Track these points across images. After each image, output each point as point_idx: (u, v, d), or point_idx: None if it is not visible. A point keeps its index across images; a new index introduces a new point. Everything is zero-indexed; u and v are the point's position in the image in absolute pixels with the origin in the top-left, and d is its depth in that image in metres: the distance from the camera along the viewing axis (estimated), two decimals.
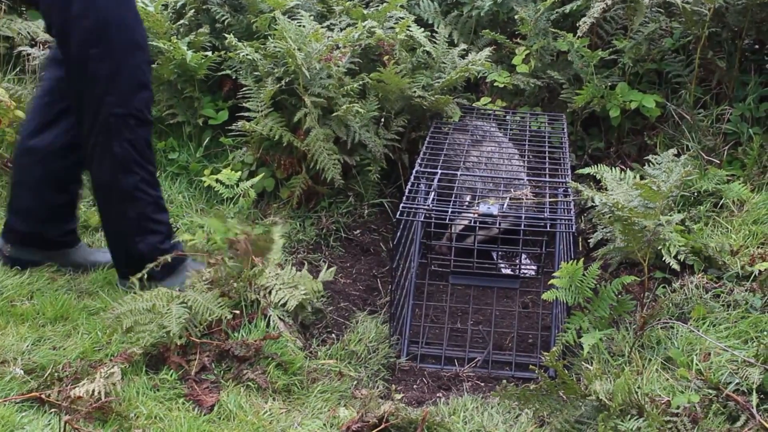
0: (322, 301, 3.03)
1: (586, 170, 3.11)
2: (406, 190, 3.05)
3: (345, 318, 3.11)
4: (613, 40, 4.03)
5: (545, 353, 2.44)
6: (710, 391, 2.38)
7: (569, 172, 3.26)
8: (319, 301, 2.99)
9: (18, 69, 4.36)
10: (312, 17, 3.80)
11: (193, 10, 4.10)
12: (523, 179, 3.47)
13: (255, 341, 2.65)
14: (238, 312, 2.76)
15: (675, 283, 3.07)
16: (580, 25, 3.71)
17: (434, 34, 4.02)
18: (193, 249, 2.99)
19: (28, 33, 4.33)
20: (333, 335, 2.97)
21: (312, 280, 2.82)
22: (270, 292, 2.80)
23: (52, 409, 2.34)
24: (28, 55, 4.07)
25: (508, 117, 3.96)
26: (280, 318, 2.77)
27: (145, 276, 2.79)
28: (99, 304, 2.93)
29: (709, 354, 2.56)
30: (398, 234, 2.91)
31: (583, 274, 2.66)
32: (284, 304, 2.77)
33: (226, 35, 3.78)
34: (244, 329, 2.73)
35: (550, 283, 2.68)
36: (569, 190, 3.05)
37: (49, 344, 2.69)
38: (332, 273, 2.90)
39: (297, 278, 2.82)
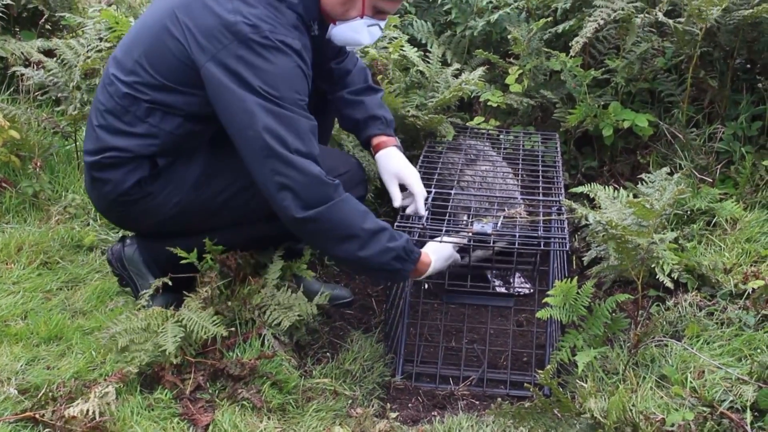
0: (318, 321, 3.02)
1: (580, 189, 3.12)
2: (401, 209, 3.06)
3: (340, 337, 3.11)
4: (605, 59, 4.05)
5: (540, 371, 2.43)
6: (705, 408, 2.38)
7: (563, 190, 3.27)
8: (314, 322, 2.99)
9: (12, 89, 4.37)
10: None
11: None
12: (517, 198, 3.48)
13: (250, 360, 2.64)
14: (233, 330, 2.76)
15: (669, 301, 3.08)
16: (572, 45, 3.72)
17: (428, 53, 4.04)
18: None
19: (22, 53, 4.32)
20: (328, 354, 2.96)
21: (307, 303, 2.83)
22: (264, 312, 2.80)
23: (46, 429, 2.32)
24: (22, 75, 4.07)
25: (501, 136, 3.97)
26: (275, 337, 2.77)
27: None
28: (93, 324, 2.92)
29: (703, 372, 2.57)
30: None
31: (577, 293, 2.66)
32: (278, 324, 2.77)
33: None
34: (239, 348, 2.73)
35: (544, 301, 2.68)
36: (563, 208, 3.06)
37: (43, 364, 2.67)
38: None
39: (292, 299, 2.82)
